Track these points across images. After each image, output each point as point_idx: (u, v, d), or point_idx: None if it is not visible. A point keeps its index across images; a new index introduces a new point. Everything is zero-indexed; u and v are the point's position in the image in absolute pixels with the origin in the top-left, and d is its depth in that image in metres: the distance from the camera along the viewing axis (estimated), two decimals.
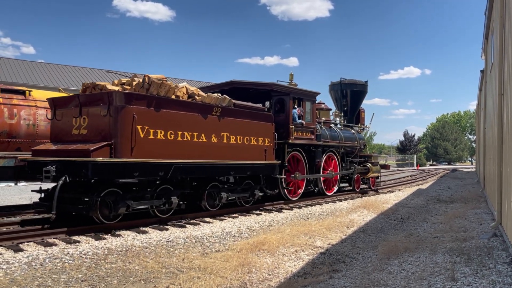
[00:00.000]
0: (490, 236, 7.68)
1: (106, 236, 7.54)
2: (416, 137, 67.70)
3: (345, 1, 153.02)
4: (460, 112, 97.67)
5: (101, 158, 7.50)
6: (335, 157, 15.06)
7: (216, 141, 9.61)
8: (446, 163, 70.61)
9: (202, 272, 5.89)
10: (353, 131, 17.06)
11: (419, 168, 49.52)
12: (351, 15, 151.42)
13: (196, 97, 9.39)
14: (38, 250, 6.45)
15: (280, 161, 11.73)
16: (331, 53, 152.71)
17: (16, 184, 11.93)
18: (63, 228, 7.69)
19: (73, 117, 8.37)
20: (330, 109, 16.64)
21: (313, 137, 13.44)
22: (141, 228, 8.31)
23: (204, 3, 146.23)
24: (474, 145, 72.65)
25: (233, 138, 10.09)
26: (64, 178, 7.60)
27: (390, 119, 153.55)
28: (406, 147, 65.00)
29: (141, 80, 8.49)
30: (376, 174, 17.37)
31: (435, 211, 12.65)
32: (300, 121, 12.82)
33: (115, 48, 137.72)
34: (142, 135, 8.07)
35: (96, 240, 7.27)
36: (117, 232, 7.90)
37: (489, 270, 5.49)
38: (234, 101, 10.24)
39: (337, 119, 16.87)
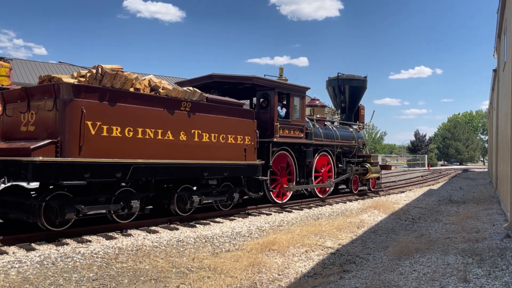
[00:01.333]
0: (503, 237, 7.58)
1: (117, 236, 7.58)
2: (427, 137, 67.18)
3: (355, 1, 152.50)
4: (472, 111, 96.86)
5: (40, 158, 6.67)
6: (329, 157, 14.07)
7: (185, 139, 8.70)
8: (458, 164, 70.00)
9: (212, 272, 5.90)
10: (351, 129, 16.10)
11: (430, 168, 49.11)
12: (361, 14, 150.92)
13: (160, 90, 8.47)
14: (50, 249, 6.51)
15: (263, 161, 10.77)
16: (341, 52, 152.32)
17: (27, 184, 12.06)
18: None
19: (21, 113, 7.65)
20: (325, 106, 15.66)
21: (302, 135, 12.45)
22: (152, 228, 8.34)
23: (214, 3, 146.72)
24: (486, 145, 71.89)
25: (206, 136, 9.14)
26: (3, 180, 6.83)
27: (400, 119, 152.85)
28: (417, 147, 64.50)
29: (95, 71, 7.66)
30: (375, 175, 16.32)
31: (446, 211, 12.54)
32: (285, 116, 11.95)
33: (126, 48, 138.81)
34: (93, 132, 7.24)
35: (107, 239, 7.32)
36: (128, 232, 7.93)
37: (502, 272, 5.42)
38: (207, 95, 9.33)
39: (334, 116, 15.94)
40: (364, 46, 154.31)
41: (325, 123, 14.61)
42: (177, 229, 8.42)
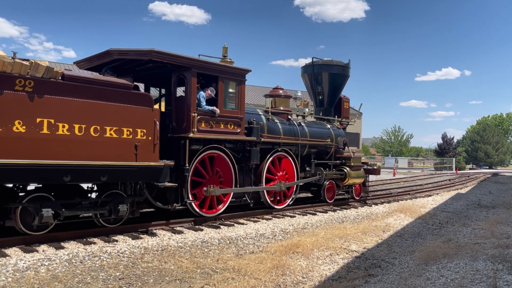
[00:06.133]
0: None
1: (142, 236, 7.69)
2: (455, 140, 65.80)
3: (381, 2, 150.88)
4: (502, 114, 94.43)
5: None
6: (289, 158, 11.43)
7: (24, 130, 6.35)
8: (487, 167, 68.31)
9: (236, 273, 5.92)
10: (328, 125, 13.36)
11: (458, 172, 48.08)
12: (387, 15, 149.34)
13: None
14: (78, 248, 6.65)
15: (172, 163, 8.19)
16: (367, 54, 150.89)
17: None
18: None
19: None
20: (290, 97, 12.64)
21: (239, 130, 9.65)
22: (177, 228, 8.42)
23: (239, 6, 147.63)
24: None
25: (64, 127, 6.74)
26: None
27: (427, 122, 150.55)
28: (444, 150, 63.20)
29: None
30: (356, 181, 13.29)
31: (475, 216, 12.26)
32: (209, 107, 9.17)
33: None
34: None
35: (133, 239, 7.43)
36: (153, 231, 8.03)
37: None
38: (63, 70, 7.02)
39: (306, 109, 13.27)
40: (390, 48, 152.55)
41: (289, 117, 12.02)
42: (202, 230, 8.47)
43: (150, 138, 7.82)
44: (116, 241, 7.23)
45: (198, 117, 8.81)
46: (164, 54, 8.44)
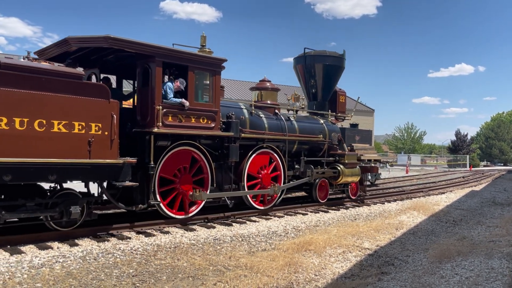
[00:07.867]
0: None
1: (155, 233, 7.74)
2: (468, 137, 65.09)
3: None
4: None
5: None
6: (276, 156, 10.62)
7: None
8: (502, 164, 67.49)
9: (248, 271, 5.93)
10: (321, 121, 12.56)
11: (472, 169, 47.58)
12: (399, 11, 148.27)
13: None
14: (92, 245, 6.71)
15: (135, 160, 7.50)
16: (378, 50, 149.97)
17: None
18: None
19: None
20: (278, 90, 11.86)
21: (213, 125, 8.81)
22: (189, 226, 8.45)
23: (250, 3, 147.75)
24: None
25: (1, 121, 6.03)
26: None
27: (440, 118, 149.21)
28: (458, 147, 62.60)
29: None
30: (350, 179, 12.33)
31: (490, 214, 12.13)
32: (177, 99, 8.37)
33: None
34: None
35: (146, 236, 7.47)
36: (166, 229, 8.07)
37: None
38: (0, 59, 6.30)
39: (297, 103, 12.59)
40: (402, 44, 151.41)
41: (276, 111, 11.21)
42: (214, 227, 8.50)
43: (106, 133, 7.09)
44: (130, 238, 7.29)
45: (164, 110, 8.05)
46: (122, 41, 7.62)
